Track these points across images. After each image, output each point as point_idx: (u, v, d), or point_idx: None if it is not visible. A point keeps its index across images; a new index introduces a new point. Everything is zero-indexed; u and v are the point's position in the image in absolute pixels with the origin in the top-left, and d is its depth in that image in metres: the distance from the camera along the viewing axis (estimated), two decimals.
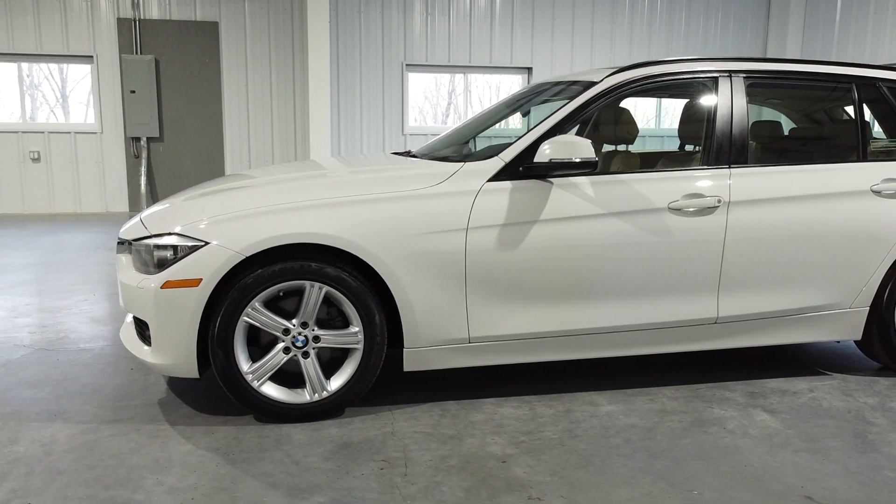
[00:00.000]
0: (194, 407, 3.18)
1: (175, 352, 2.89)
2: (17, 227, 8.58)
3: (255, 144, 10.35)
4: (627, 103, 4.65)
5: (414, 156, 3.84)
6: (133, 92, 9.72)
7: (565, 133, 3.21)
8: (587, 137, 4.59)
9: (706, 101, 3.47)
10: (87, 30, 9.63)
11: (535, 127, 3.23)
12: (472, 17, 10.79)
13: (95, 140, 9.88)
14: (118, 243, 3.20)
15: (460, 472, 2.61)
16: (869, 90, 3.64)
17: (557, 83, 3.91)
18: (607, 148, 4.45)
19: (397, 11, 10.52)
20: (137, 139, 9.90)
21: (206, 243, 2.85)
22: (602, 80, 3.34)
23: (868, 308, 3.53)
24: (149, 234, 2.98)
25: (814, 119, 3.99)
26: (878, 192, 3.46)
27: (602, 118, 4.55)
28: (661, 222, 3.20)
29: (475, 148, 3.87)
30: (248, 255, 2.84)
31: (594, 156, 3.02)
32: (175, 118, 10.00)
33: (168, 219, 3.01)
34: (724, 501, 2.43)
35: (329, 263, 2.92)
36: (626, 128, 4.20)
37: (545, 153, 3.04)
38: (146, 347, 3.00)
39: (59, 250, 7.00)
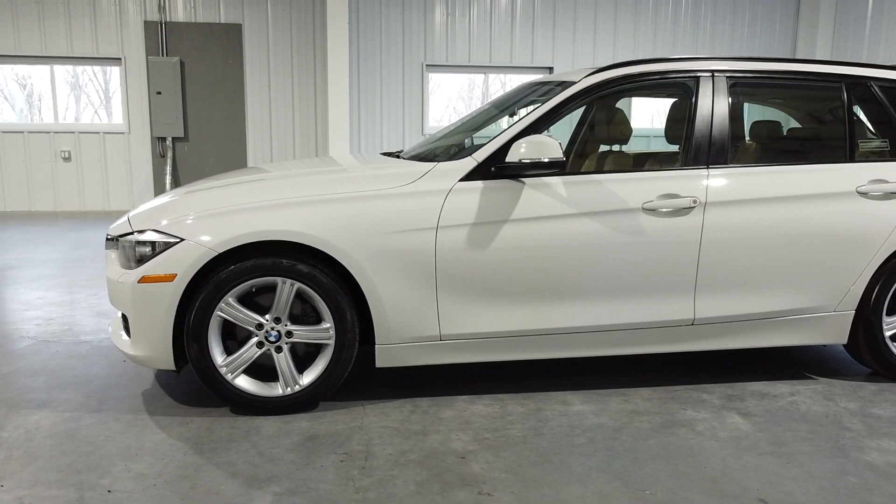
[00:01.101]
0: (175, 398, 3.28)
1: (152, 344, 2.99)
2: (48, 223, 8.88)
3: (277, 144, 10.53)
4: (622, 104, 4.65)
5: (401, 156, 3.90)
6: (159, 93, 9.98)
7: (540, 133, 3.23)
8: (583, 138, 4.63)
9: (687, 101, 3.45)
10: (115, 33, 9.92)
11: (509, 127, 3.26)
12: (493, 17, 10.81)
13: (123, 140, 10.17)
14: (107, 239, 3.32)
15: (417, 466, 2.65)
16: (860, 90, 3.57)
17: (546, 83, 3.92)
18: (603, 148, 4.45)
19: (417, 12, 10.59)
20: (163, 139, 10.16)
21: (182, 240, 2.95)
22: (580, 81, 3.35)
23: (854, 312, 3.47)
24: (131, 231, 3.09)
25: (801, 119, 3.93)
26: (864, 194, 3.40)
27: (597, 118, 4.55)
28: (634, 222, 3.19)
29: (464, 148, 3.91)
30: (221, 251, 2.92)
31: (562, 156, 3.04)
32: (199, 118, 10.24)
33: (149, 216, 3.12)
34: (675, 502, 2.43)
35: (301, 261, 2.99)
36: (620, 128, 4.20)
37: (515, 153, 3.07)
38: (127, 340, 3.11)
39: (81, 246, 7.24)
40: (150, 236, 3.01)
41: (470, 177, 3.15)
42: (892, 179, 3.43)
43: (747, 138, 3.98)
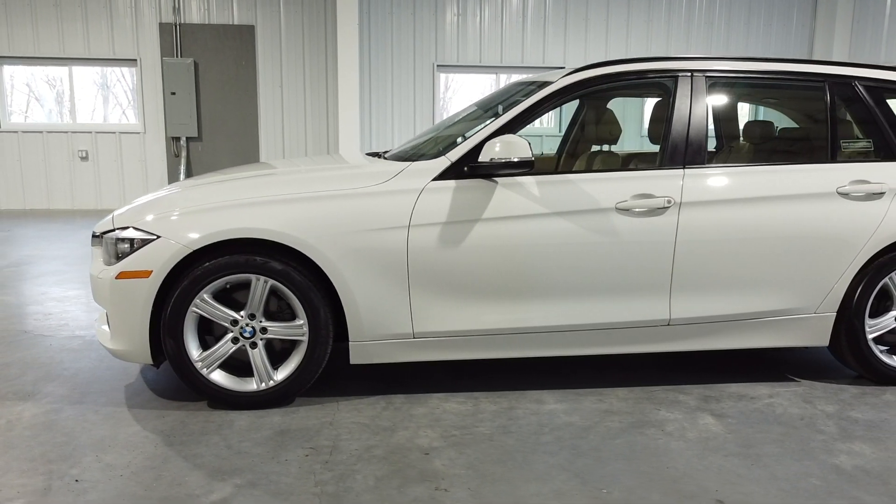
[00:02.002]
0: (156, 392, 3.35)
1: (129, 339, 3.06)
2: (65, 221, 9.08)
3: (289, 143, 10.64)
4: (615, 104, 4.65)
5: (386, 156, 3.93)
6: (173, 94, 10.14)
7: (514, 133, 3.24)
8: (574, 137, 4.64)
9: (664, 100, 3.44)
10: (131, 35, 10.10)
11: (484, 127, 3.28)
12: (504, 16, 10.81)
13: (139, 140, 10.35)
14: (93, 236, 3.40)
15: (380, 461, 2.69)
16: (843, 89, 3.53)
17: (529, 83, 3.93)
18: (594, 148, 4.45)
19: (428, 12, 10.63)
20: (177, 139, 10.32)
21: (158, 237, 3.02)
22: (556, 81, 3.36)
23: (835, 313, 3.43)
24: (113, 228, 3.17)
25: (783, 120, 3.89)
26: (845, 195, 3.36)
27: (587, 118, 4.56)
28: (607, 222, 3.19)
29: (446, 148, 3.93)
30: (195, 248, 2.99)
31: (531, 155, 3.05)
32: (213, 118, 10.38)
33: (131, 214, 3.19)
34: (631, 501, 2.44)
35: (275, 258, 3.04)
36: (609, 128, 4.20)
37: (487, 153, 3.09)
38: (108, 334, 3.19)
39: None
40: (129, 233, 3.09)
41: (443, 176, 3.18)
42: (874, 180, 3.39)
43: (726, 138, 3.95)
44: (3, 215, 9.62)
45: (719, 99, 3.70)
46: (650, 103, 11.38)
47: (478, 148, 3.17)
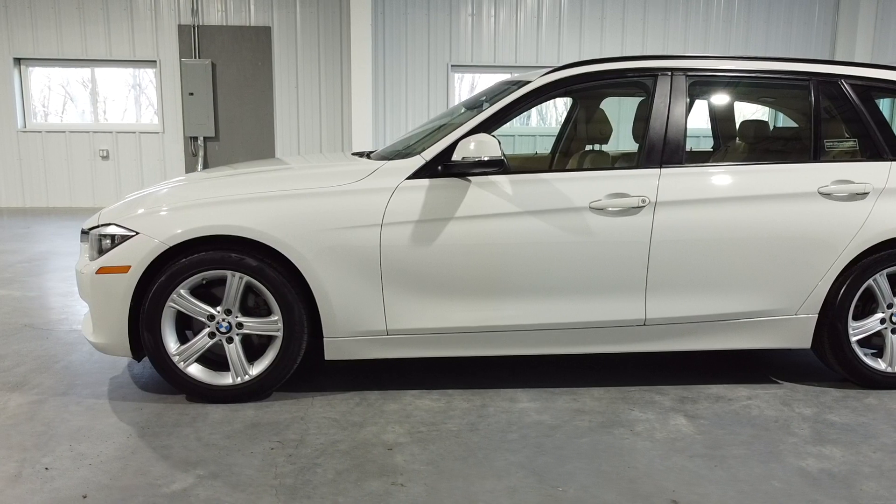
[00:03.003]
0: (139, 385, 3.44)
1: (109, 332, 3.14)
2: (84, 218, 9.29)
3: (304, 143, 10.76)
4: (613, 103, 4.63)
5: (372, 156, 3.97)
6: (191, 94, 10.32)
7: (490, 132, 3.26)
8: (567, 137, 4.64)
9: (643, 99, 3.43)
10: (151, 36, 10.30)
11: (460, 126, 3.30)
12: (519, 16, 10.80)
13: (158, 139, 10.55)
14: (81, 233, 3.49)
15: (343, 456, 2.73)
16: (829, 87, 3.48)
17: (514, 83, 3.94)
18: (587, 147, 4.45)
19: (443, 13, 10.66)
20: (195, 138, 10.50)
21: (137, 233, 3.09)
22: (534, 80, 3.37)
23: (817, 315, 3.38)
24: (97, 225, 3.26)
25: (765, 117, 3.84)
26: (827, 195, 3.31)
27: (579, 118, 4.56)
28: (581, 221, 3.19)
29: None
30: (172, 245, 3.06)
31: (501, 154, 3.06)
32: (229, 118, 10.54)
33: (115, 211, 3.27)
34: (584, 499, 2.44)
35: (250, 255, 3.10)
36: (600, 127, 4.19)
37: (460, 152, 3.11)
38: (90, 328, 3.28)
39: None
40: (111, 230, 3.17)
41: (417, 175, 3.21)
42: (857, 180, 3.34)
43: (703, 137, 3.92)
44: (26, 213, 9.88)
45: (700, 98, 3.67)
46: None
47: (452, 147, 3.19)
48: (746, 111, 4.16)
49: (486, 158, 3.06)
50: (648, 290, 3.27)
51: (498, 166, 3.07)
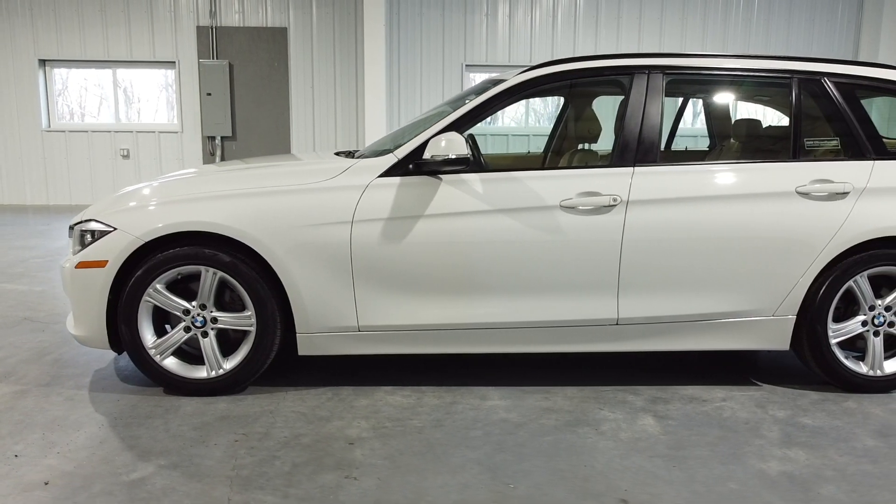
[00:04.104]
0: (121, 378, 3.52)
1: (88, 325, 3.23)
2: None
3: (319, 143, 10.87)
4: (599, 103, 4.61)
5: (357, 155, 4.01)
6: (209, 94, 10.50)
7: (462, 131, 3.27)
8: (558, 135, 4.63)
9: (619, 98, 3.41)
10: (170, 38, 10.50)
11: (434, 125, 3.32)
12: (534, 15, 10.78)
13: (177, 139, 10.75)
14: (69, 228, 3.59)
15: (304, 449, 2.76)
16: (811, 85, 3.42)
17: (495, 82, 3.95)
18: (579, 146, 4.43)
19: (457, 13, 10.69)
20: (213, 138, 10.68)
21: (115, 229, 3.17)
22: (510, 79, 3.37)
23: (795, 317, 3.33)
24: (80, 220, 3.35)
25: (746, 116, 3.79)
26: (805, 194, 3.26)
27: (569, 116, 4.54)
28: (551, 220, 3.19)
29: None
30: (147, 240, 3.13)
31: (467, 153, 3.07)
32: (246, 118, 10.70)
33: (98, 207, 3.36)
34: (534, 496, 2.44)
35: (223, 251, 3.16)
36: (588, 126, 4.18)
37: (430, 150, 3.13)
38: (72, 321, 3.37)
39: None
40: (91, 225, 3.26)
41: (389, 173, 3.23)
42: (837, 179, 3.28)
43: (677, 136, 3.88)
44: (50, 210, 10.15)
45: (679, 96, 3.64)
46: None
47: (423, 145, 3.21)
48: (729, 110, 4.10)
49: (453, 156, 3.07)
50: (621, 289, 3.25)
51: (464, 164, 3.08)
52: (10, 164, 10.67)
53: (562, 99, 4.78)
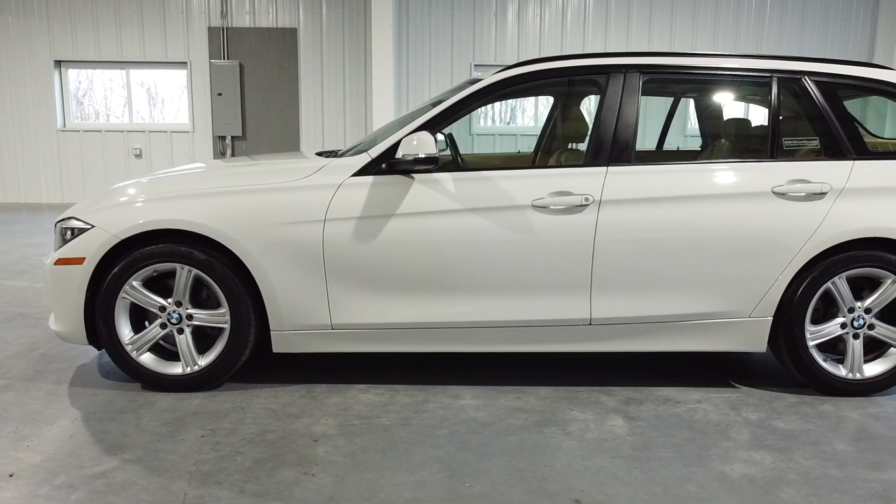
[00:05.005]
0: (102, 373, 3.58)
1: (67, 321, 3.29)
2: None
3: (328, 142, 10.94)
4: (588, 103, 4.59)
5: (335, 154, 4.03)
6: (220, 94, 10.61)
7: (437, 130, 3.28)
8: (549, 136, 4.62)
9: (594, 97, 3.39)
10: (182, 39, 10.64)
11: (409, 124, 3.33)
12: (544, 15, 10.74)
13: (188, 138, 10.88)
14: (54, 226, 3.66)
15: (268, 445, 2.79)
16: (791, 84, 3.38)
17: (474, 81, 3.95)
18: (568, 146, 4.42)
19: (466, 12, 10.69)
20: (223, 137, 10.80)
21: (92, 226, 3.23)
22: (485, 79, 3.38)
23: (772, 318, 3.29)
24: (62, 218, 3.41)
25: (724, 116, 3.75)
26: (781, 195, 3.22)
27: (557, 116, 4.53)
28: (523, 219, 3.18)
29: None
30: (123, 237, 3.18)
31: (436, 152, 3.08)
32: (256, 118, 10.80)
33: (80, 205, 3.42)
34: (488, 495, 2.44)
35: (198, 249, 3.20)
36: (575, 125, 4.17)
37: (402, 149, 3.14)
38: (53, 317, 3.43)
39: None
40: (72, 223, 3.32)
41: (363, 172, 3.25)
42: (815, 179, 3.23)
43: (650, 135, 3.85)
44: (64, 208, 10.32)
45: (658, 95, 3.61)
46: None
47: (397, 145, 3.23)
48: (713, 110, 4.07)
49: (422, 156, 3.08)
50: (594, 289, 3.24)
51: (433, 164, 3.09)
52: (27, 163, 10.88)
53: (551, 99, 4.76)
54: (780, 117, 3.34)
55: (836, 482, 2.56)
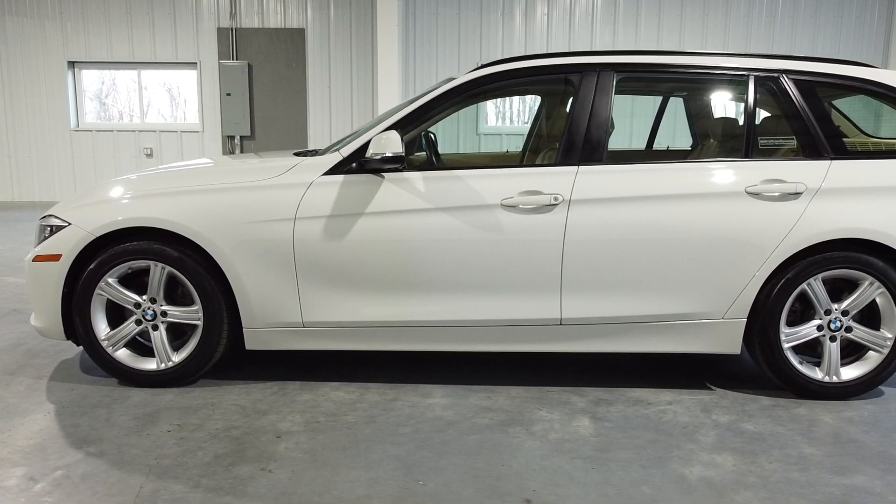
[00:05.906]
0: (83, 369, 3.64)
1: (45, 317, 3.35)
2: None
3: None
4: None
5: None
6: (229, 95, 10.72)
7: (408, 130, 3.29)
8: (536, 135, 4.60)
9: (566, 97, 3.38)
10: (192, 39, 10.76)
11: (380, 123, 3.34)
12: (551, 14, 10.70)
13: (198, 138, 11.01)
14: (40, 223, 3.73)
15: (231, 441, 2.82)
16: (768, 83, 3.34)
17: (450, 80, 3.95)
18: (556, 145, 4.40)
19: (473, 12, 10.68)
20: (232, 137, 10.90)
21: (69, 224, 3.28)
22: (459, 78, 3.38)
23: (745, 320, 3.25)
24: (44, 216, 3.48)
25: (699, 115, 3.71)
26: (755, 195, 3.18)
27: (542, 115, 4.52)
28: (492, 219, 3.18)
29: None
30: (98, 235, 3.23)
31: (402, 151, 3.09)
32: (265, 118, 10.89)
33: (61, 203, 3.48)
34: (440, 494, 2.45)
35: (171, 246, 3.24)
36: (560, 124, 4.15)
37: (371, 148, 3.16)
38: (33, 312, 3.50)
39: None
40: (51, 220, 3.38)
41: (334, 171, 3.27)
42: (790, 179, 3.19)
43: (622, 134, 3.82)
44: None
45: (635, 93, 3.58)
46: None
47: (367, 144, 3.24)
48: (694, 109, 4.03)
49: (389, 154, 3.10)
50: (564, 289, 3.23)
51: (399, 163, 3.10)
52: (41, 163, 11.07)
53: (538, 98, 4.74)
54: (755, 116, 3.30)
55: (796, 486, 2.52)
